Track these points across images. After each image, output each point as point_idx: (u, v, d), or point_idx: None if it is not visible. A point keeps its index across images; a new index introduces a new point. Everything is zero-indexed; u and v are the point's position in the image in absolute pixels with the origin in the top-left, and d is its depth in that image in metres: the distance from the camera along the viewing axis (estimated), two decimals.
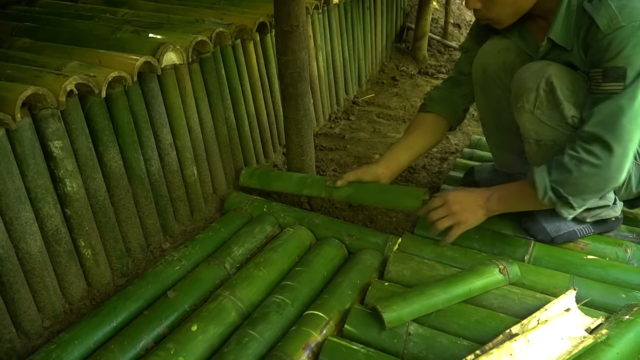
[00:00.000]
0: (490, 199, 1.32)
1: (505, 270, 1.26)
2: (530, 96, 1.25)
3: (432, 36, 3.33)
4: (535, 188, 1.21)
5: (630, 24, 1.08)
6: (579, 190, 1.18)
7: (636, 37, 1.08)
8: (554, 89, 1.21)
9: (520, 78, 1.27)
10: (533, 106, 1.25)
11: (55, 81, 1.17)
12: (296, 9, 1.50)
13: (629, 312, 1.09)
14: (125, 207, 1.40)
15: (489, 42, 1.42)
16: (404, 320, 1.14)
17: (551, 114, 1.24)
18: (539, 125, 1.27)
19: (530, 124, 1.28)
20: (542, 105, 1.24)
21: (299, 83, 1.61)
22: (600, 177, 1.16)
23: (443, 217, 1.34)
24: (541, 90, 1.23)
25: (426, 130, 1.54)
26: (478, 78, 1.45)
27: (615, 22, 1.09)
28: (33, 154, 1.15)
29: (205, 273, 1.32)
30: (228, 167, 1.78)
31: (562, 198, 1.20)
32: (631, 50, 1.09)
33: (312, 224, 1.52)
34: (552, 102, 1.23)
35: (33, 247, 1.17)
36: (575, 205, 1.21)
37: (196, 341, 1.11)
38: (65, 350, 1.10)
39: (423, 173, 1.93)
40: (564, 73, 1.22)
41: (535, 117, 1.26)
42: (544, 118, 1.25)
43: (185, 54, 1.49)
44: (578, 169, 1.16)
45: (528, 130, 1.30)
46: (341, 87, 2.55)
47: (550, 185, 1.20)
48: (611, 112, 1.13)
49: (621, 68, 1.10)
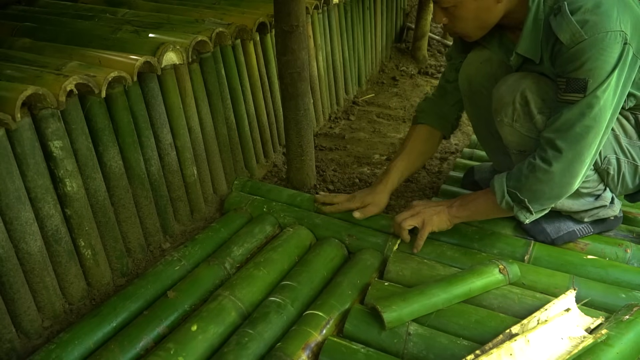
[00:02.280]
0: (453, 205, 1.38)
1: (505, 270, 1.26)
2: (507, 110, 1.27)
3: (432, 36, 3.33)
4: (494, 192, 1.27)
5: (593, 37, 1.09)
6: (535, 195, 1.22)
7: (598, 49, 1.09)
8: (528, 102, 1.23)
9: (498, 93, 1.29)
10: (512, 120, 1.27)
11: (55, 81, 1.17)
12: (296, 9, 1.50)
13: (629, 312, 1.10)
14: (125, 207, 1.40)
15: (472, 54, 1.43)
16: (403, 320, 1.14)
17: (529, 126, 1.26)
18: (520, 137, 1.29)
19: (512, 137, 1.31)
20: (519, 119, 1.26)
21: (299, 83, 1.61)
22: (553, 182, 1.19)
23: (407, 217, 1.39)
24: (517, 104, 1.25)
25: (423, 142, 1.57)
26: (465, 89, 1.47)
27: (578, 36, 1.10)
28: (33, 154, 1.15)
29: (205, 273, 1.32)
30: (228, 167, 1.78)
31: (519, 202, 1.24)
32: (593, 63, 1.10)
33: (312, 224, 1.52)
34: (528, 114, 1.25)
35: (33, 247, 1.17)
36: (532, 210, 1.25)
37: (196, 341, 1.11)
38: (65, 350, 1.10)
39: (423, 173, 1.93)
40: (538, 85, 1.23)
41: (515, 130, 1.28)
42: (523, 130, 1.27)
43: (185, 54, 1.49)
44: (533, 174, 1.20)
45: (511, 142, 1.33)
46: (341, 87, 2.55)
47: (507, 190, 1.25)
48: (567, 120, 1.16)
49: (582, 80, 1.12)
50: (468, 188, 1.71)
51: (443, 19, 1.25)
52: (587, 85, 1.12)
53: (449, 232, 1.46)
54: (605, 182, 1.35)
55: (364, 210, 1.50)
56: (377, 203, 1.51)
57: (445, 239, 1.45)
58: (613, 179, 1.34)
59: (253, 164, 1.89)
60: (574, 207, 1.37)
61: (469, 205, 1.36)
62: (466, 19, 1.23)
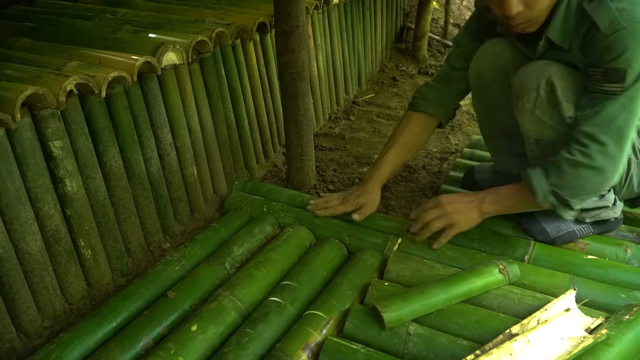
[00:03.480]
0: (484, 200, 1.32)
1: (505, 270, 1.26)
2: (530, 95, 1.24)
3: (432, 36, 3.33)
4: (533, 192, 1.23)
5: (632, 25, 1.07)
6: (576, 191, 1.20)
7: (637, 38, 1.08)
8: (554, 88, 1.21)
9: (521, 78, 1.26)
10: (533, 105, 1.25)
11: (55, 81, 1.17)
12: (296, 9, 1.50)
13: (629, 312, 1.10)
14: (125, 207, 1.40)
15: (484, 47, 1.41)
16: (404, 320, 1.14)
17: (551, 113, 1.24)
18: (540, 125, 1.27)
19: (531, 124, 1.28)
20: (542, 105, 1.24)
21: (299, 83, 1.61)
22: (596, 178, 1.18)
23: (436, 217, 1.34)
24: (542, 90, 1.22)
25: (417, 135, 1.53)
26: (474, 83, 1.45)
27: (617, 24, 1.08)
28: (33, 154, 1.15)
29: (205, 273, 1.32)
30: (228, 167, 1.78)
31: (561, 200, 1.22)
32: (632, 52, 1.08)
33: (312, 224, 1.52)
34: (552, 101, 1.22)
35: (33, 247, 1.17)
36: (573, 206, 1.22)
37: (196, 341, 1.11)
38: (65, 350, 1.10)
39: (423, 173, 1.93)
40: (564, 73, 1.21)
41: (536, 116, 1.26)
42: (544, 117, 1.25)
43: (185, 54, 1.49)
44: (575, 170, 1.18)
45: (528, 130, 1.30)
46: (341, 87, 2.55)
47: (550, 189, 1.21)
48: (608, 113, 1.13)
49: (621, 70, 1.10)
50: (468, 188, 1.71)
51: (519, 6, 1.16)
52: (627, 75, 1.10)
53: None
54: None
55: (361, 212, 1.48)
56: (372, 202, 1.49)
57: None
58: (620, 179, 1.32)
59: (253, 164, 1.89)
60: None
61: (503, 202, 1.32)
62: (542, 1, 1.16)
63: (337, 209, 1.51)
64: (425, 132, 1.54)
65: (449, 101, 1.53)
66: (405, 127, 1.53)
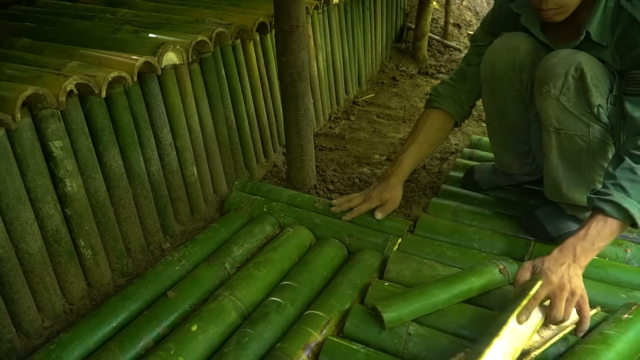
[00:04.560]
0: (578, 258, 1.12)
1: (505, 270, 1.26)
2: (557, 82, 1.22)
3: (432, 36, 3.33)
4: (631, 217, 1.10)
5: None
6: None
7: None
8: (584, 75, 1.19)
9: (548, 63, 1.25)
10: (559, 92, 1.23)
11: (55, 81, 1.17)
12: (296, 9, 1.50)
13: (628, 311, 1.10)
14: (125, 207, 1.40)
15: (499, 40, 1.40)
16: (404, 320, 1.14)
17: (576, 101, 1.22)
18: (562, 113, 1.25)
19: (553, 111, 1.26)
20: (568, 92, 1.22)
21: (299, 83, 1.61)
22: None
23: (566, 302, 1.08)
24: (570, 77, 1.21)
25: (436, 132, 1.54)
26: (486, 76, 1.44)
27: None
28: (33, 154, 1.15)
29: (205, 273, 1.32)
30: (228, 167, 1.78)
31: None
32: None
33: (312, 224, 1.52)
34: (580, 89, 1.21)
35: (33, 247, 1.17)
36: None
37: (196, 341, 1.11)
38: (65, 350, 1.10)
39: (423, 173, 1.93)
40: (593, 62, 1.20)
41: (560, 103, 1.24)
42: (568, 105, 1.23)
43: (185, 54, 1.49)
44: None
45: (550, 117, 1.28)
46: (341, 87, 2.55)
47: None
48: None
49: None
50: (468, 188, 1.71)
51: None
52: None
53: (449, 232, 1.46)
54: None
55: (384, 209, 1.49)
56: (395, 199, 1.50)
57: (445, 239, 1.46)
58: None
59: (253, 164, 1.89)
60: (583, 200, 1.33)
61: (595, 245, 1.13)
62: None
63: (361, 207, 1.51)
64: (443, 129, 1.56)
65: (463, 98, 1.53)
66: (424, 124, 1.54)
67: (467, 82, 1.52)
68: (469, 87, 1.52)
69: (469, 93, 1.53)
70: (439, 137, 1.56)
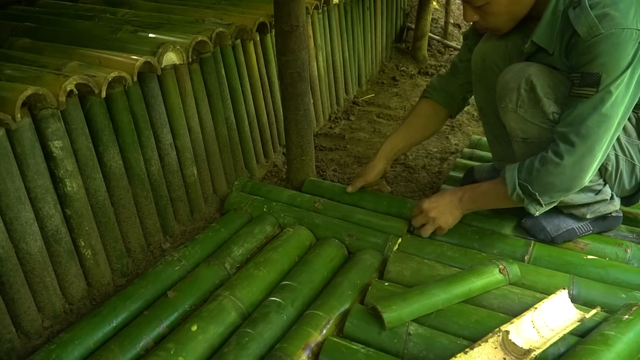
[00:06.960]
0: (463, 199, 1.40)
1: (505, 270, 1.26)
2: (512, 96, 1.28)
3: (432, 36, 3.33)
4: (505, 184, 1.28)
5: (609, 32, 1.11)
6: (546, 188, 1.24)
7: (613, 44, 1.11)
8: (534, 87, 1.24)
9: (503, 80, 1.31)
10: (516, 105, 1.28)
11: (55, 81, 1.17)
12: (296, 9, 1.50)
13: (628, 312, 1.10)
14: (125, 207, 1.40)
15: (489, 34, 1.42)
16: (404, 320, 1.14)
17: (533, 111, 1.27)
18: (524, 124, 1.30)
19: (515, 123, 1.31)
20: (524, 104, 1.27)
21: (299, 83, 1.61)
22: (564, 175, 1.21)
23: (424, 224, 1.43)
24: (522, 90, 1.26)
25: (424, 118, 1.63)
26: (477, 67, 1.47)
27: (595, 30, 1.12)
28: (33, 154, 1.15)
29: (205, 273, 1.32)
30: (228, 167, 1.78)
31: (529, 195, 1.26)
32: (607, 58, 1.12)
33: (312, 224, 1.52)
34: (533, 99, 1.26)
35: (33, 247, 1.17)
36: (542, 203, 1.26)
37: (196, 341, 1.11)
38: (65, 350, 1.10)
39: (423, 173, 1.93)
40: (544, 72, 1.25)
41: (519, 115, 1.29)
42: (527, 116, 1.28)
43: (185, 54, 1.49)
44: (544, 167, 1.22)
45: (514, 129, 1.33)
46: (341, 87, 2.55)
47: (519, 182, 1.26)
48: (579, 114, 1.18)
49: (596, 74, 1.14)
50: None
51: (474, 17, 1.27)
52: (601, 79, 1.13)
53: (449, 232, 1.46)
54: (603, 177, 1.36)
55: (353, 183, 1.63)
56: (367, 172, 1.61)
57: (445, 239, 1.46)
58: (611, 175, 1.35)
59: (253, 164, 1.89)
60: (575, 200, 1.37)
61: (480, 198, 1.39)
62: (498, 14, 1.25)
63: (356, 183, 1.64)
64: (432, 118, 1.63)
65: (453, 90, 1.59)
66: (414, 111, 1.64)
67: (459, 75, 1.58)
68: (460, 80, 1.58)
69: (460, 86, 1.59)
70: (427, 122, 1.63)
